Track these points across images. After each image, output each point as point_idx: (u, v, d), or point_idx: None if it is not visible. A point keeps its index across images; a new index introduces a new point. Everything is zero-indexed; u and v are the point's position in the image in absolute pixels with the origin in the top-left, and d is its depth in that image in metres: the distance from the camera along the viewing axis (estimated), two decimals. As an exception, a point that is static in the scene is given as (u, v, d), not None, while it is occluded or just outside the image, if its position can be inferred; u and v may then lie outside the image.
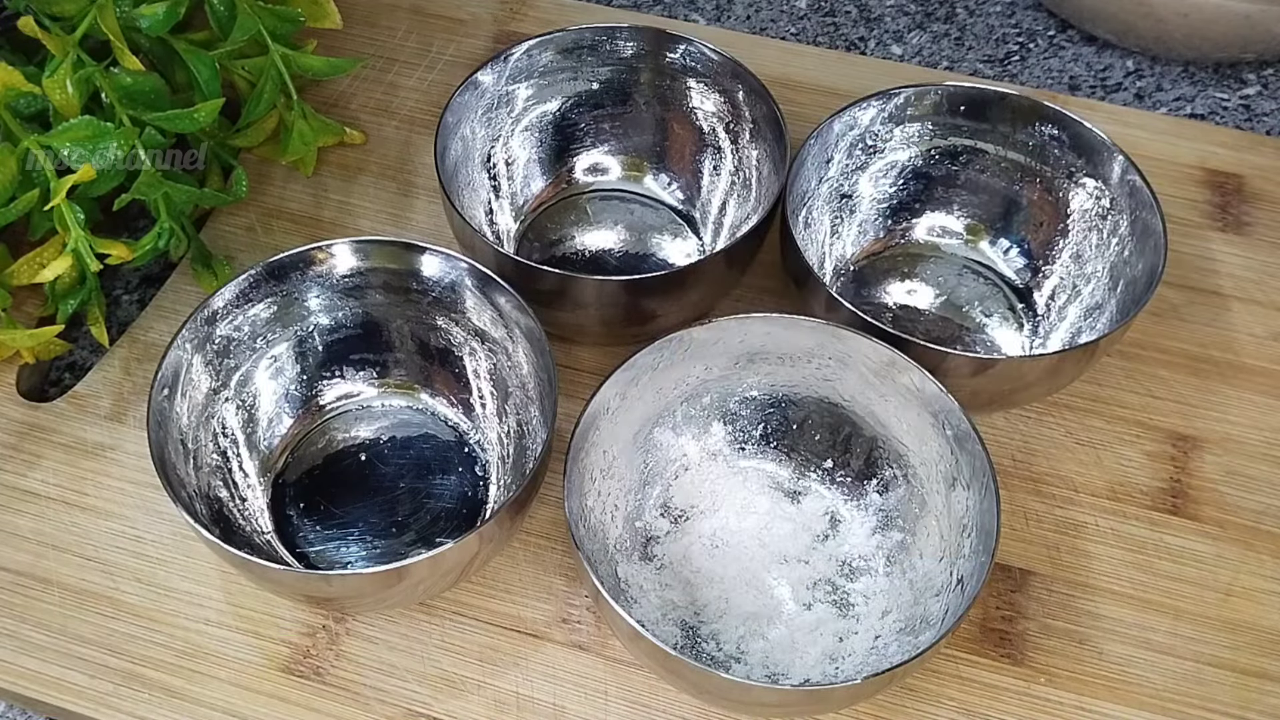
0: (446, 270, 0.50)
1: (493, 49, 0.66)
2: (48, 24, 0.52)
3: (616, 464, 0.49)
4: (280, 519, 0.51)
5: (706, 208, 0.59)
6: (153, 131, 0.54)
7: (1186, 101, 0.68)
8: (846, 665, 0.46)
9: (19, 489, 0.52)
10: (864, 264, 0.58)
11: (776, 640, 0.47)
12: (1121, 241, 0.53)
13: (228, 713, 0.47)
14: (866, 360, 0.48)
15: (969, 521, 0.46)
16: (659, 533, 0.50)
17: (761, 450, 0.52)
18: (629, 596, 0.48)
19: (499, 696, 0.47)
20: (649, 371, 0.48)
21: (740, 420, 0.52)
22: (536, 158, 0.60)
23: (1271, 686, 0.47)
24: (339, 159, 0.63)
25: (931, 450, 0.48)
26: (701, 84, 0.58)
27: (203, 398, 0.49)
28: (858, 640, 0.47)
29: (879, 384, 0.49)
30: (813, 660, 0.47)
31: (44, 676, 0.47)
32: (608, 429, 0.48)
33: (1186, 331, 0.57)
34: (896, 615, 0.47)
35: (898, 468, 0.50)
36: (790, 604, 0.48)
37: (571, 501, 0.45)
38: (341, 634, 0.48)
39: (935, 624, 0.45)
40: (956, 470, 0.47)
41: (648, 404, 0.50)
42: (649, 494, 0.51)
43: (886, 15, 0.73)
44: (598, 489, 0.48)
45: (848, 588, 0.49)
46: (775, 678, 0.46)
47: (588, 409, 0.46)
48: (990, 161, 0.57)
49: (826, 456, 0.51)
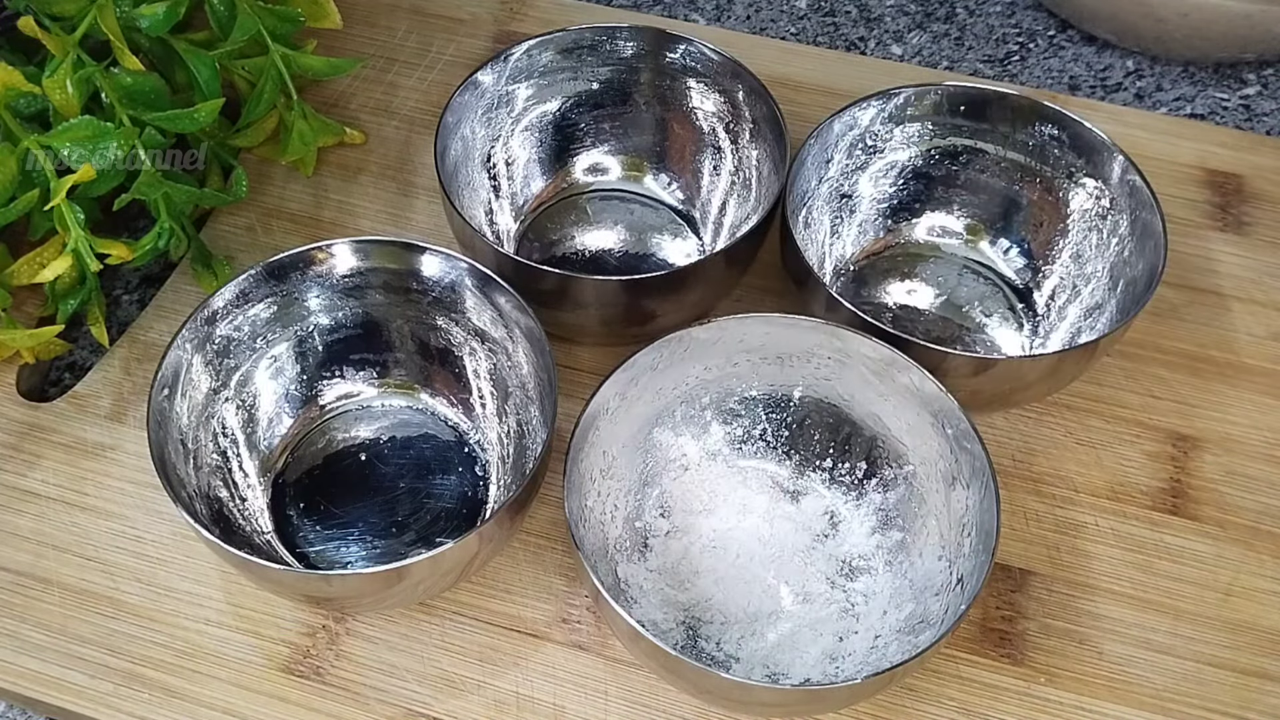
0: (446, 270, 0.50)
1: (493, 49, 0.66)
2: (48, 24, 0.52)
3: (616, 464, 0.49)
4: (280, 519, 0.51)
5: (706, 208, 0.59)
6: (153, 131, 0.54)
7: (1186, 101, 0.68)
8: (847, 665, 0.46)
9: (19, 489, 0.52)
10: (864, 264, 0.58)
11: (776, 640, 0.47)
12: (1121, 241, 0.53)
13: (228, 713, 0.47)
14: (866, 360, 0.48)
15: (969, 521, 0.46)
16: (659, 532, 0.50)
17: (761, 450, 0.52)
18: (629, 596, 0.48)
19: (499, 696, 0.47)
20: (649, 371, 0.48)
21: (740, 420, 0.52)
22: (536, 158, 0.60)
23: (1271, 686, 0.47)
24: (339, 159, 0.63)
25: (931, 449, 0.48)
26: (701, 84, 0.58)
27: (203, 398, 0.49)
28: (858, 640, 0.47)
29: (879, 384, 0.49)
30: (813, 660, 0.47)
31: (44, 676, 0.47)
32: (607, 429, 0.48)
33: (1186, 331, 0.57)
34: (896, 615, 0.47)
35: (897, 467, 0.49)
36: (790, 603, 0.48)
37: (571, 501, 0.45)
38: (341, 634, 0.48)
39: (935, 624, 0.45)
40: (956, 470, 0.47)
41: (647, 404, 0.50)
42: (649, 494, 0.51)
43: (886, 15, 0.73)
44: (597, 489, 0.48)
45: (848, 587, 0.49)
46: (775, 677, 0.46)
47: (587, 409, 0.46)
48: (990, 161, 0.57)
49: (826, 456, 0.51)
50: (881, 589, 0.48)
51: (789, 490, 0.51)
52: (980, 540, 0.44)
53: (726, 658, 0.47)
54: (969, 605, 0.42)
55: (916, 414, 0.48)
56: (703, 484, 0.51)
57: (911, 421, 0.48)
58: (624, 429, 0.49)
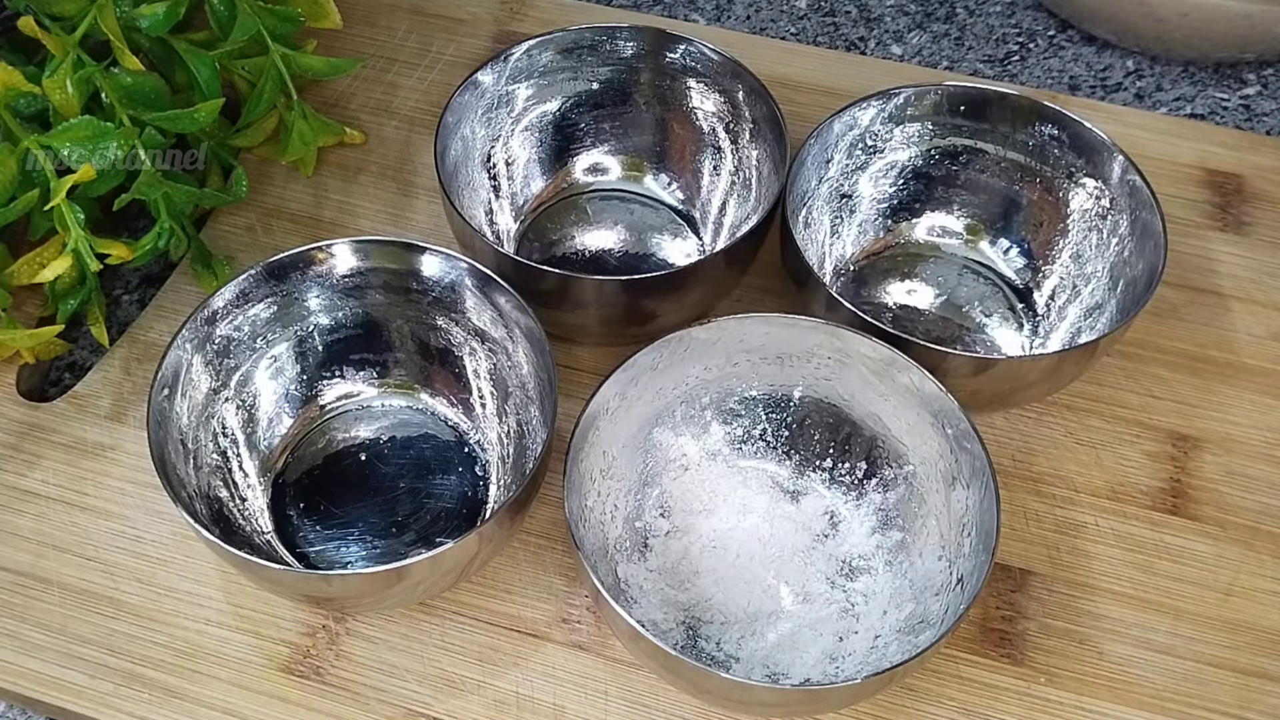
0: (446, 270, 0.50)
1: (493, 49, 0.66)
2: (48, 24, 0.52)
3: (616, 464, 0.49)
4: (280, 519, 0.51)
5: (706, 208, 0.59)
6: (153, 131, 0.54)
7: (1186, 101, 0.68)
8: (847, 665, 0.46)
9: (19, 489, 0.52)
10: (864, 264, 0.58)
11: (776, 640, 0.47)
12: (1121, 241, 0.53)
13: (228, 713, 0.47)
14: (866, 360, 0.48)
15: (969, 520, 0.46)
16: (659, 532, 0.50)
17: (761, 450, 0.52)
18: (629, 596, 0.48)
19: (499, 696, 0.47)
20: (649, 371, 0.48)
21: (740, 420, 0.52)
22: (536, 158, 0.60)
23: (1271, 686, 0.47)
24: (339, 159, 0.63)
25: (931, 449, 0.48)
26: (701, 84, 0.58)
27: (203, 398, 0.49)
28: (858, 640, 0.47)
29: (879, 383, 0.49)
30: (813, 660, 0.47)
31: (44, 676, 0.47)
32: (608, 429, 0.48)
33: (1186, 331, 0.57)
34: (896, 615, 0.47)
35: (897, 467, 0.49)
36: (790, 603, 0.48)
37: (571, 501, 0.44)
38: (341, 634, 0.48)
39: (936, 623, 0.45)
40: (956, 469, 0.47)
41: (647, 404, 0.50)
42: (649, 494, 0.51)
43: (886, 15, 0.73)
44: (598, 489, 0.48)
45: (847, 587, 0.49)
46: (775, 677, 0.46)
47: (587, 409, 0.46)
48: (990, 161, 0.57)
49: (826, 456, 0.51)
50: (881, 589, 0.48)
51: (789, 490, 0.51)
52: (980, 540, 0.44)
53: (726, 658, 0.47)
54: (969, 605, 0.42)
55: (917, 414, 0.48)
56: (703, 484, 0.51)
57: (911, 421, 0.48)
58: (624, 429, 0.49)
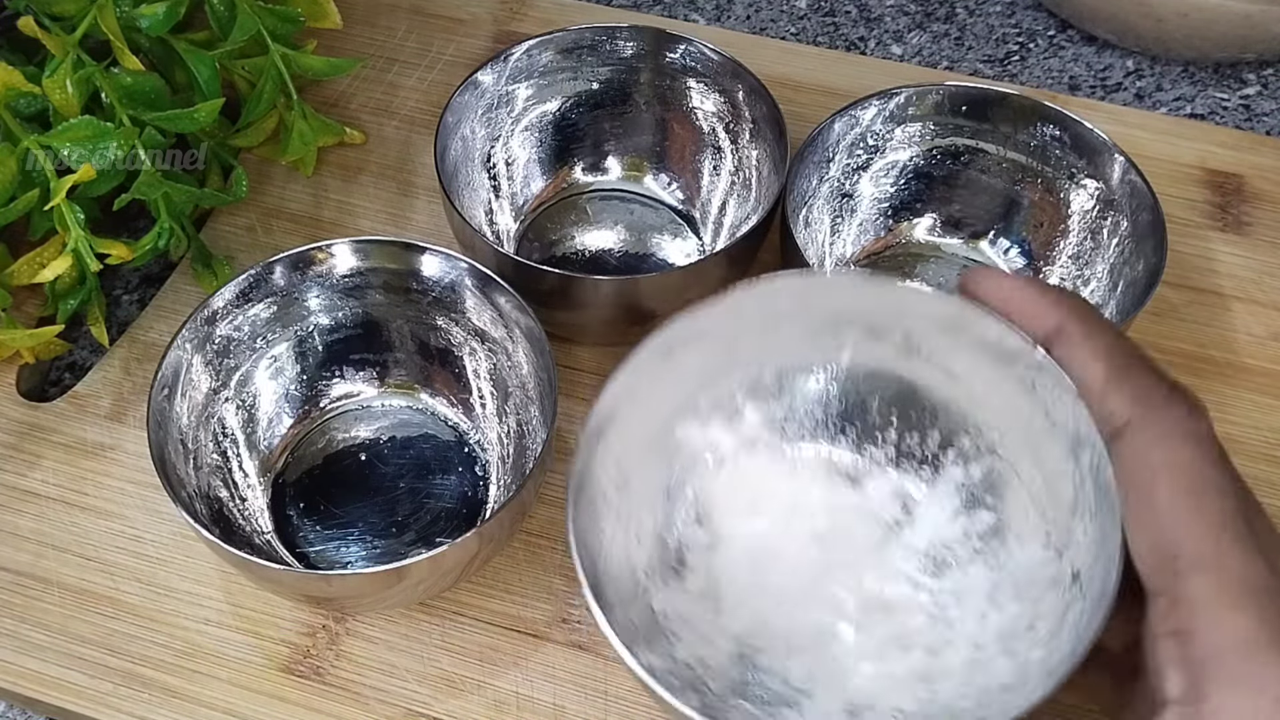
0: (446, 270, 0.50)
1: (493, 49, 0.66)
2: (48, 24, 0.52)
3: (634, 475, 0.41)
4: (280, 519, 0.51)
5: (706, 208, 0.59)
6: (153, 131, 0.54)
7: (1186, 101, 0.68)
8: (945, 687, 0.37)
9: (19, 489, 0.52)
10: (864, 264, 0.58)
11: (852, 663, 0.39)
12: (1121, 242, 0.53)
13: (228, 713, 0.47)
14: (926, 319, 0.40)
15: (1079, 496, 0.36)
16: (696, 545, 0.42)
17: (808, 429, 0.43)
18: (668, 634, 0.39)
19: (499, 696, 0.47)
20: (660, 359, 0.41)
21: (779, 397, 0.43)
22: (536, 158, 0.60)
23: (1271, 686, 0.47)
24: (339, 159, 0.63)
25: (1020, 413, 0.38)
26: (701, 84, 0.58)
27: (203, 398, 0.49)
28: (954, 653, 0.38)
29: (942, 339, 0.40)
30: (901, 683, 0.38)
31: (44, 676, 0.47)
32: (617, 436, 0.40)
33: (1186, 331, 0.57)
34: (998, 617, 0.38)
35: (977, 434, 0.40)
36: (864, 615, 0.40)
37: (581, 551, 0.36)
38: (341, 634, 0.48)
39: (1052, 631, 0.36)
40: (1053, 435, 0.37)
41: (663, 398, 0.41)
42: (679, 501, 0.42)
43: (886, 15, 0.73)
44: (615, 510, 0.40)
45: (934, 587, 0.40)
46: (857, 711, 0.37)
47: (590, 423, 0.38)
48: (991, 161, 0.57)
49: (888, 427, 0.42)
50: (976, 585, 0.39)
51: (847, 474, 0.43)
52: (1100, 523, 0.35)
53: (794, 693, 0.38)
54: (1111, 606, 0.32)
55: (993, 369, 0.38)
56: (743, 479, 0.43)
57: (988, 377, 0.39)
58: (639, 431, 0.40)
